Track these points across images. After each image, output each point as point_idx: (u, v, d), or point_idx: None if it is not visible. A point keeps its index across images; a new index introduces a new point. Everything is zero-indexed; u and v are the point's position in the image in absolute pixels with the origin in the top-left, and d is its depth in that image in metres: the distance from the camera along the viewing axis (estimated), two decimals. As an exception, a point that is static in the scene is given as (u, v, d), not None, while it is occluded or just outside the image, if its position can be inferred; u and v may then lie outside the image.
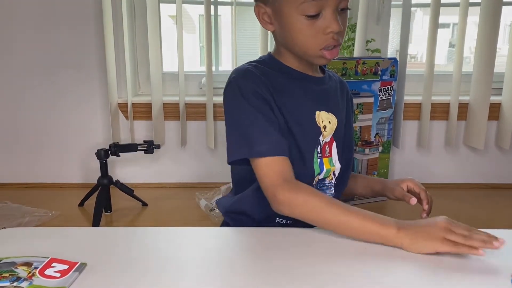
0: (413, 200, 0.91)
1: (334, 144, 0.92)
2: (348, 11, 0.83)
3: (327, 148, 0.91)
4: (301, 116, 0.87)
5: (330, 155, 0.91)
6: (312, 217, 0.77)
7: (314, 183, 0.90)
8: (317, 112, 0.88)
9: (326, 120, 0.89)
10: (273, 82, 0.85)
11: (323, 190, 0.93)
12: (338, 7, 0.78)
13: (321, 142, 0.89)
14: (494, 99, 2.27)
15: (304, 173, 0.87)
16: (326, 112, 0.89)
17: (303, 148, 0.87)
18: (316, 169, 0.89)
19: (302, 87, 0.88)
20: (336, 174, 0.94)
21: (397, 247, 0.73)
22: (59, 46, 2.26)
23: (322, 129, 0.88)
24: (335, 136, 0.92)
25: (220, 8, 2.37)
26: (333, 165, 0.92)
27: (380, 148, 2.19)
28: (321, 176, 0.91)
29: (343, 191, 1.01)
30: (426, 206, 0.94)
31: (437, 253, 0.70)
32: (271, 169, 0.79)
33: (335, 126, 0.91)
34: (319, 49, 0.81)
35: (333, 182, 0.93)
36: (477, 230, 0.71)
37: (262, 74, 0.85)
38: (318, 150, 0.89)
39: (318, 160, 0.89)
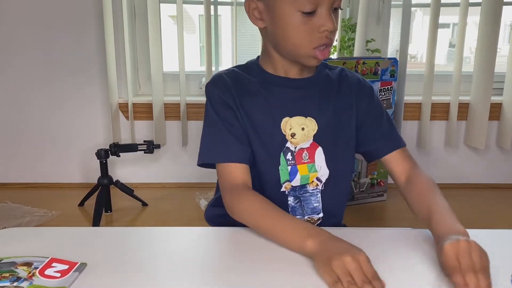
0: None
1: (319, 150, 0.87)
2: (340, 11, 0.81)
3: (305, 154, 0.87)
4: (264, 124, 0.85)
5: (311, 161, 0.87)
6: (248, 223, 0.79)
7: (283, 189, 0.87)
8: (285, 119, 0.85)
9: (298, 126, 0.85)
10: (245, 88, 0.86)
11: (306, 197, 0.89)
12: (332, 6, 0.77)
13: (291, 149, 0.86)
14: (495, 99, 2.27)
15: (269, 179, 0.87)
16: (303, 118, 0.86)
17: (267, 155, 0.86)
18: (283, 176, 0.86)
19: (272, 92, 0.86)
20: (323, 180, 0.89)
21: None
22: (59, 46, 2.26)
23: (288, 137, 0.85)
24: (320, 141, 0.87)
25: (220, 8, 2.37)
26: (315, 171, 0.88)
27: (380, 148, 2.18)
28: (295, 183, 0.87)
29: (345, 198, 0.95)
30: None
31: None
32: (224, 174, 0.84)
33: (313, 132, 0.86)
34: (311, 48, 0.78)
35: (320, 188, 0.89)
36: (375, 278, 0.61)
37: (235, 81, 0.87)
38: (289, 157, 0.86)
39: (289, 167, 0.86)
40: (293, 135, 0.85)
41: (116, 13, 2.17)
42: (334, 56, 2.34)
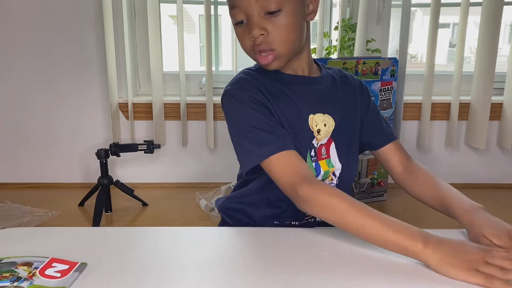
0: None
1: (332, 145, 0.90)
2: (282, 13, 0.76)
3: (323, 150, 0.89)
4: (293, 122, 0.85)
5: (328, 157, 0.89)
6: (333, 218, 0.73)
7: None
8: (311, 116, 0.86)
9: (321, 123, 0.87)
10: (266, 88, 0.85)
11: None
12: (262, 12, 0.76)
13: (315, 145, 0.87)
14: (496, 99, 2.27)
15: None
16: (322, 114, 0.88)
17: (299, 153, 0.85)
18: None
19: (294, 91, 0.87)
20: (337, 174, 0.92)
21: (422, 263, 0.67)
22: (60, 46, 2.26)
23: (316, 133, 0.86)
24: (334, 137, 0.89)
25: (220, 8, 2.37)
26: (332, 166, 0.90)
27: (381, 148, 2.18)
28: (319, 178, 0.89)
29: (349, 190, 0.98)
30: None
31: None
32: (286, 164, 0.78)
33: (332, 128, 0.88)
34: (253, 55, 0.81)
35: (334, 182, 0.92)
36: None
37: (259, 82, 0.86)
38: (312, 153, 0.87)
39: (313, 163, 0.87)
40: (319, 131, 0.87)
41: (116, 13, 2.17)
42: (334, 56, 2.34)
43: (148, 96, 2.33)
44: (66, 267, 0.65)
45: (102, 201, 2.01)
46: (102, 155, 2.04)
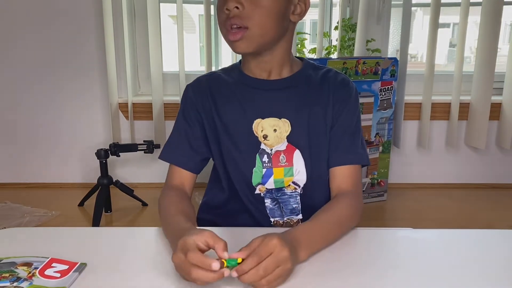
0: None
1: (297, 153, 0.86)
2: None
3: (282, 157, 0.85)
4: (237, 125, 0.86)
5: (289, 165, 0.86)
6: (160, 218, 0.84)
7: (257, 191, 0.87)
8: (257, 121, 0.85)
9: (270, 128, 0.84)
10: (222, 91, 0.88)
11: (284, 199, 0.88)
12: None
13: (267, 151, 0.85)
14: (495, 99, 2.27)
15: (243, 181, 0.87)
16: (277, 119, 0.85)
17: (239, 157, 0.87)
18: (256, 178, 0.86)
19: (248, 94, 0.86)
20: (301, 184, 0.87)
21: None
22: (59, 46, 2.26)
23: (261, 138, 0.85)
24: (296, 143, 0.85)
25: (220, 8, 2.36)
26: (292, 175, 0.86)
27: (380, 148, 2.18)
28: (269, 186, 0.87)
29: (327, 200, 0.87)
30: None
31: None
32: (169, 173, 0.94)
33: (285, 134, 0.85)
34: (225, 31, 0.78)
35: (299, 192, 0.88)
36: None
37: (213, 85, 0.89)
38: (265, 159, 0.85)
39: (265, 169, 0.86)
40: (265, 137, 0.85)
41: (116, 13, 2.17)
42: (334, 56, 2.34)
43: (148, 96, 2.33)
44: (65, 267, 0.65)
45: (102, 201, 2.00)
46: (102, 155, 2.04)
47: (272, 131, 0.85)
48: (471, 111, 2.32)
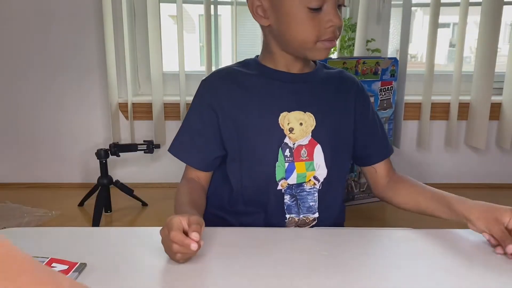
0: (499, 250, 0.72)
1: (318, 148, 0.86)
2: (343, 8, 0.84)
3: (303, 151, 0.85)
4: (262, 119, 0.85)
5: (310, 159, 0.86)
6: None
7: (279, 187, 0.86)
8: (283, 114, 0.84)
9: (296, 122, 0.84)
10: (241, 84, 0.87)
11: (303, 196, 0.87)
12: (338, 2, 0.78)
13: (290, 145, 0.85)
14: (495, 98, 2.27)
15: (262, 177, 0.86)
16: (302, 112, 0.85)
17: (262, 151, 0.85)
18: (279, 173, 0.85)
19: (273, 86, 0.86)
20: (321, 179, 0.88)
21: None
22: (59, 46, 2.26)
23: (287, 132, 0.84)
24: (318, 138, 0.86)
25: (220, 8, 2.36)
26: (313, 170, 0.86)
27: (381, 148, 2.18)
28: (291, 181, 0.86)
29: (341, 198, 0.93)
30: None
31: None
32: (185, 167, 0.95)
33: (311, 128, 0.85)
34: (319, 41, 0.80)
35: (317, 187, 0.88)
36: None
37: (230, 79, 0.88)
38: (287, 153, 0.85)
39: (287, 164, 0.85)
40: (291, 130, 0.84)
41: (116, 13, 2.17)
42: (334, 56, 2.34)
43: (148, 96, 2.33)
44: (65, 267, 0.65)
45: (102, 201, 2.00)
46: (102, 155, 2.04)
47: (298, 124, 0.85)
48: (471, 111, 2.32)
